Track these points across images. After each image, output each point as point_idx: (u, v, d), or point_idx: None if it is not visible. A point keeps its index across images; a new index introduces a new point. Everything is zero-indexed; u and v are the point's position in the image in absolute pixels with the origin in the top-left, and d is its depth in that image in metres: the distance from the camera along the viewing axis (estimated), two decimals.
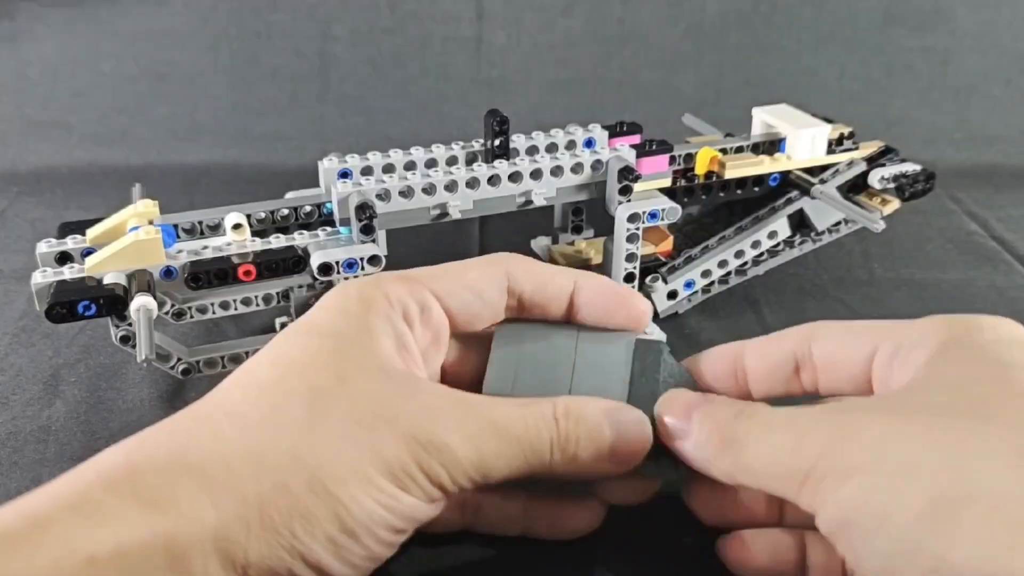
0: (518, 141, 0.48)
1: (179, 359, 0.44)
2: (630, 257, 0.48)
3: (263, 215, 0.46)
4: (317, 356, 0.29)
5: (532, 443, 0.29)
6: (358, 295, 0.30)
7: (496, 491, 0.33)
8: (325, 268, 0.42)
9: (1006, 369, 0.26)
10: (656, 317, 0.51)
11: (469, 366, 0.34)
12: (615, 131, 0.51)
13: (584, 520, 0.34)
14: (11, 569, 0.23)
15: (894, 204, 0.54)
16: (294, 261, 0.42)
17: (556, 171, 0.46)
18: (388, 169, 0.47)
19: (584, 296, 0.33)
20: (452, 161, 0.48)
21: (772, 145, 0.54)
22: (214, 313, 0.44)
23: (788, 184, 0.54)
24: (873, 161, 0.55)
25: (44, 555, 0.23)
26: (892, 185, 0.54)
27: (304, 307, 0.45)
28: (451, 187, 0.45)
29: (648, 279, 0.50)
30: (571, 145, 0.49)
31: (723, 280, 0.53)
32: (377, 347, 0.29)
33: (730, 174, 0.52)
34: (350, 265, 0.42)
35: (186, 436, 0.27)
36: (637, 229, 0.47)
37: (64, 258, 0.42)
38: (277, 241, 0.43)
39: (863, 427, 0.26)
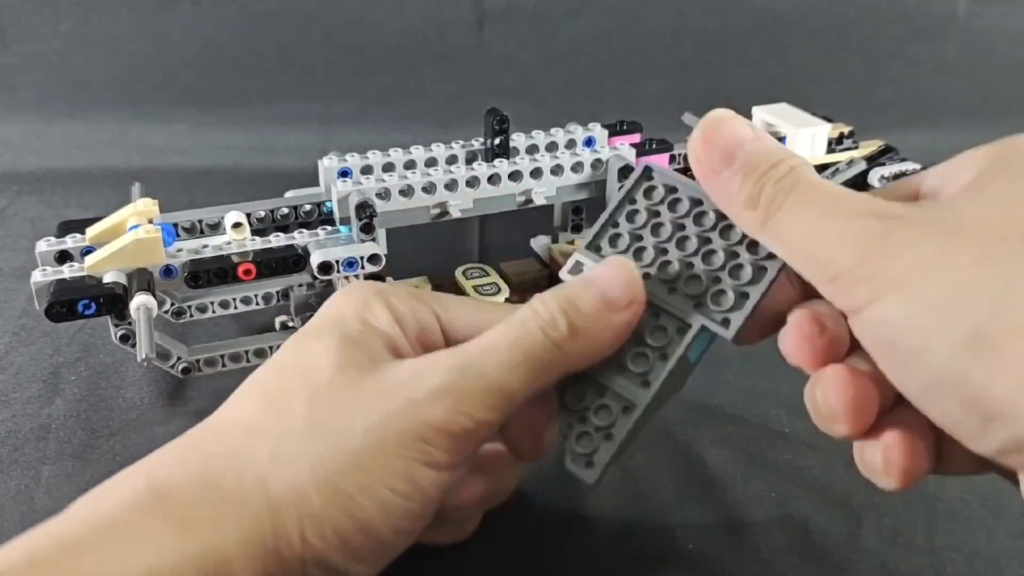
0: (518, 140, 0.49)
1: (179, 358, 0.44)
2: None
3: (263, 214, 0.46)
4: (314, 358, 0.29)
5: (525, 340, 0.28)
6: (361, 297, 0.31)
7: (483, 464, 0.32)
8: (325, 267, 0.42)
9: None
10: None
11: None
12: (615, 130, 0.51)
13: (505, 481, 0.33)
14: None
15: None
16: (294, 260, 0.42)
17: (556, 170, 0.46)
18: (388, 168, 0.47)
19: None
20: (452, 160, 0.48)
21: None
22: (214, 312, 0.44)
23: None
24: (873, 160, 0.55)
25: None
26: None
27: (304, 306, 0.45)
28: (451, 186, 0.45)
29: None
30: (571, 144, 0.49)
31: None
32: (374, 344, 0.29)
33: None
34: (350, 264, 0.42)
35: (201, 453, 0.27)
36: None
37: (64, 257, 0.42)
38: (277, 240, 0.43)
39: (908, 243, 0.24)
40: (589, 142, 0.50)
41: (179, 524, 0.25)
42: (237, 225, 0.44)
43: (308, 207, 0.46)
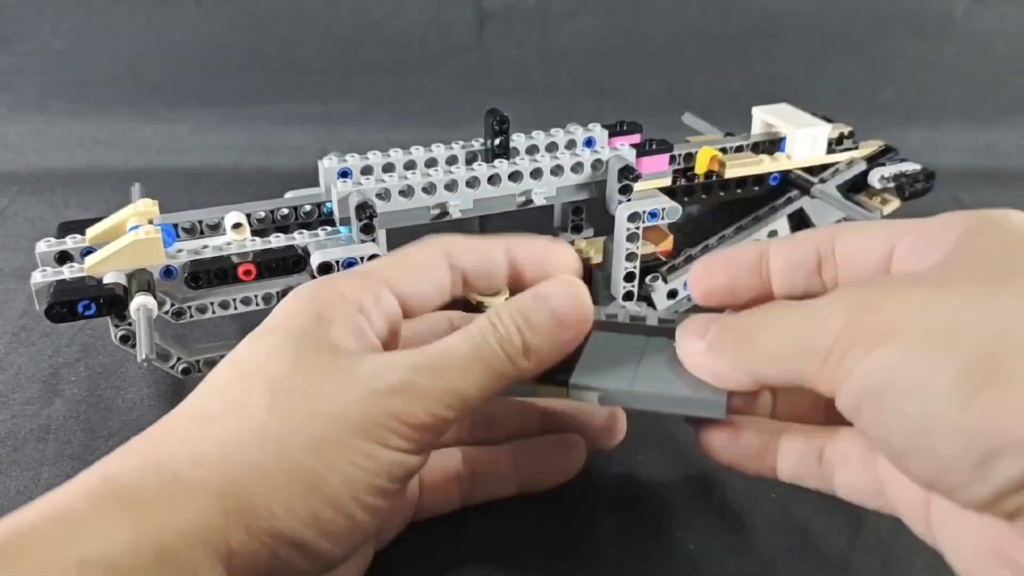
0: (518, 140, 0.48)
1: (179, 359, 0.44)
2: (630, 256, 0.48)
3: (263, 214, 0.46)
4: (271, 352, 0.29)
5: (483, 349, 0.29)
6: (311, 294, 0.31)
7: (485, 453, 0.35)
8: (325, 267, 0.42)
9: None
10: None
11: None
12: (615, 130, 0.51)
13: (572, 459, 0.36)
14: None
15: (894, 203, 0.54)
16: (294, 260, 0.42)
17: (556, 170, 0.46)
18: (388, 168, 0.47)
19: (522, 257, 0.34)
20: (452, 160, 0.48)
21: (772, 144, 0.54)
22: (214, 313, 0.44)
23: (788, 183, 0.54)
24: (873, 160, 0.55)
25: (31, 562, 0.23)
26: (892, 184, 0.54)
27: None
28: (451, 186, 0.45)
29: (648, 278, 0.50)
30: (571, 144, 0.49)
31: None
32: (330, 334, 0.29)
33: (730, 173, 0.52)
34: (350, 264, 0.42)
35: (154, 445, 0.27)
36: (637, 228, 0.47)
37: (64, 257, 0.42)
38: (277, 240, 0.43)
39: (891, 297, 0.24)
40: (589, 142, 0.50)
41: (131, 507, 0.25)
42: (237, 226, 0.44)
43: (308, 208, 0.46)
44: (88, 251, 0.42)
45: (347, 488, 0.26)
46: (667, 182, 0.50)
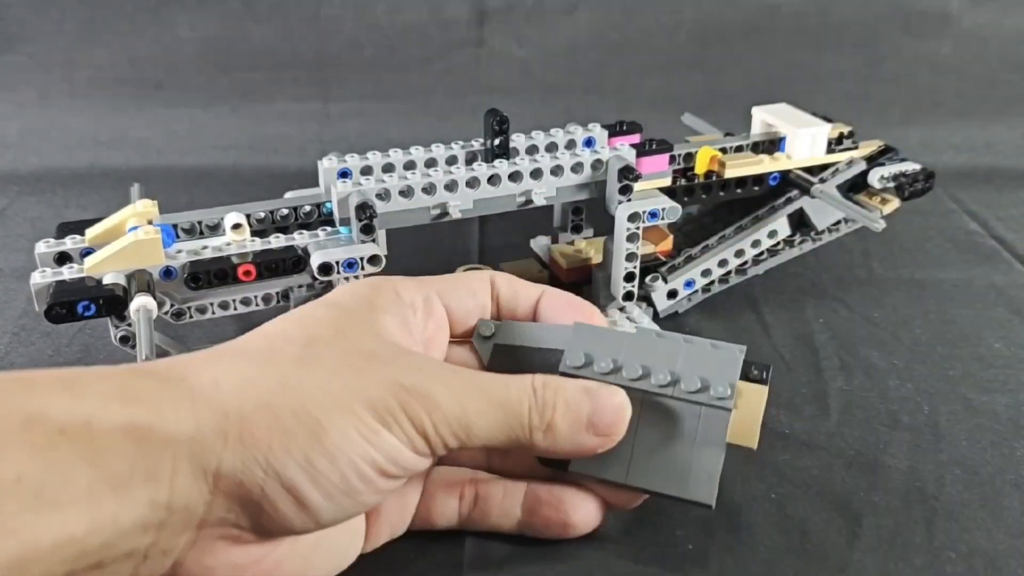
0: (518, 141, 0.48)
1: None
2: (630, 256, 0.48)
3: (263, 215, 0.46)
4: (321, 318, 0.31)
5: (512, 406, 0.30)
6: (371, 284, 0.33)
7: (496, 482, 0.35)
8: (325, 268, 0.42)
9: None
10: (656, 317, 0.51)
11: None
12: (615, 130, 0.51)
13: (586, 514, 0.34)
14: None
15: (894, 203, 0.54)
16: (294, 261, 0.42)
17: (556, 170, 0.46)
18: (388, 169, 0.47)
19: (546, 302, 0.36)
20: (452, 161, 0.48)
21: (772, 144, 0.54)
22: (213, 313, 0.44)
23: (788, 183, 0.54)
24: (873, 160, 0.55)
25: (17, 416, 0.23)
26: (892, 184, 0.54)
27: None
28: (451, 186, 0.45)
29: (648, 278, 0.50)
30: (571, 144, 0.49)
31: (723, 279, 0.53)
32: (379, 320, 0.31)
33: (730, 173, 0.52)
34: (350, 265, 0.42)
35: (185, 362, 0.29)
36: (637, 228, 0.47)
37: (63, 258, 0.42)
38: (277, 241, 0.43)
39: None
40: (589, 142, 0.50)
41: (134, 399, 0.26)
42: (237, 226, 0.44)
43: (308, 208, 0.46)
44: (88, 252, 0.42)
45: (345, 446, 0.27)
46: (667, 182, 0.50)
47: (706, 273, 0.52)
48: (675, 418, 0.33)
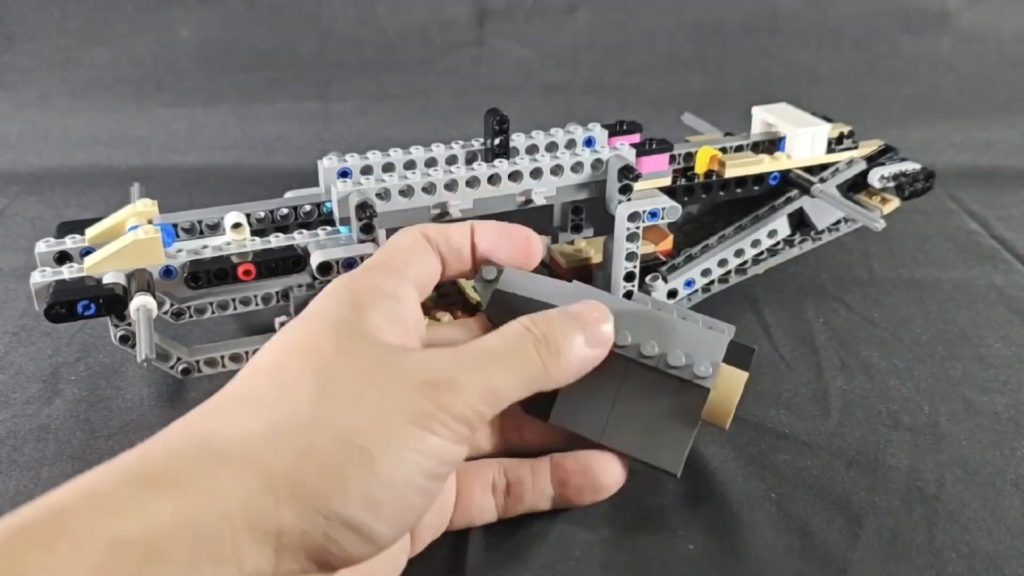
0: (518, 140, 0.48)
1: (179, 359, 0.44)
2: (630, 256, 0.48)
3: (263, 214, 0.46)
4: (315, 338, 0.30)
5: (520, 351, 0.31)
6: (347, 284, 0.32)
7: (522, 464, 0.36)
8: (325, 267, 0.42)
9: None
10: None
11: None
12: (615, 130, 0.51)
13: (614, 473, 0.36)
14: (31, 561, 0.22)
15: (894, 203, 0.54)
16: (294, 260, 0.42)
17: (556, 170, 0.46)
18: (388, 168, 0.47)
19: (480, 238, 0.36)
20: (452, 160, 0.48)
21: (772, 144, 0.54)
22: (213, 313, 0.44)
23: (788, 183, 0.54)
24: (873, 160, 0.55)
25: (65, 542, 0.23)
26: (892, 184, 0.54)
27: (303, 306, 0.45)
28: (451, 186, 0.45)
29: (648, 278, 0.50)
30: (571, 144, 0.49)
31: (723, 279, 0.53)
32: (369, 320, 0.30)
33: (730, 173, 0.52)
34: (350, 264, 0.42)
35: (200, 425, 0.27)
36: (637, 228, 0.47)
37: (63, 258, 0.42)
38: (277, 240, 0.43)
39: None
40: (589, 142, 0.50)
41: (171, 486, 0.25)
42: (237, 226, 0.44)
43: (308, 207, 0.46)
44: (87, 251, 0.42)
45: (401, 470, 0.27)
46: (667, 182, 0.50)
47: (706, 273, 0.52)
48: (655, 388, 0.35)
